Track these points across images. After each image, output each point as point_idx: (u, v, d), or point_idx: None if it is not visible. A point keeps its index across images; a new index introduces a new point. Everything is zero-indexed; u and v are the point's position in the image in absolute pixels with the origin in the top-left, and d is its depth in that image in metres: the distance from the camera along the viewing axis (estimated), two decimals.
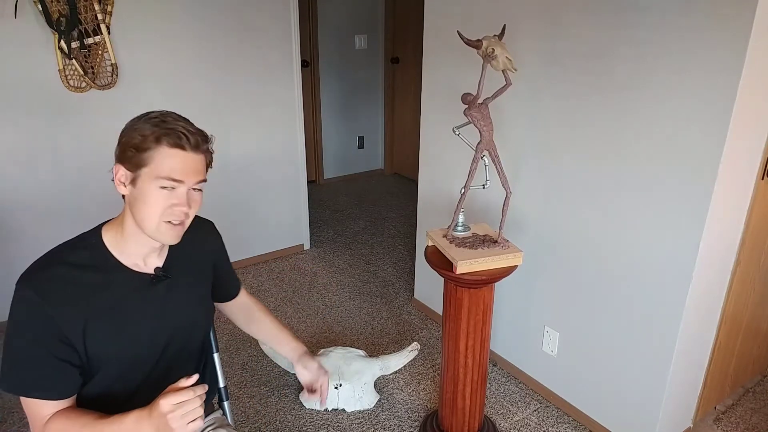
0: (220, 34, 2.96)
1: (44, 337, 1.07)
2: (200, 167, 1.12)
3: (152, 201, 1.09)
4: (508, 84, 1.64)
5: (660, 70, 1.67)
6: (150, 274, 1.21)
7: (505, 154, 2.11)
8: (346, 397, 2.22)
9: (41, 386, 1.09)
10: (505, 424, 2.19)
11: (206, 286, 1.37)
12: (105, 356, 1.14)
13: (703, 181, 1.63)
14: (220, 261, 1.42)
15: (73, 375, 1.12)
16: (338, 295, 3.13)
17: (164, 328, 1.23)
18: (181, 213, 1.11)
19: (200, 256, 1.34)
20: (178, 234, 1.14)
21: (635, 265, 1.87)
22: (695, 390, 2.08)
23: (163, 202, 1.09)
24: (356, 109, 4.95)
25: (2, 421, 2.16)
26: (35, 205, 2.67)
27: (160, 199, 1.09)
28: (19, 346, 1.08)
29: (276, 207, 3.47)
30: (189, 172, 1.10)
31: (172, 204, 1.10)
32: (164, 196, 1.09)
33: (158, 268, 1.22)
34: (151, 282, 1.20)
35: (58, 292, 1.08)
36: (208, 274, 1.37)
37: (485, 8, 2.18)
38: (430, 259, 1.79)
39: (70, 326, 1.09)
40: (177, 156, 1.08)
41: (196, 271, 1.32)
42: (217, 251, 1.41)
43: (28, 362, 1.08)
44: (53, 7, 2.42)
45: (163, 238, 1.14)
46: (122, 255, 1.17)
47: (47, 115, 2.59)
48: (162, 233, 1.12)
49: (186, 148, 1.08)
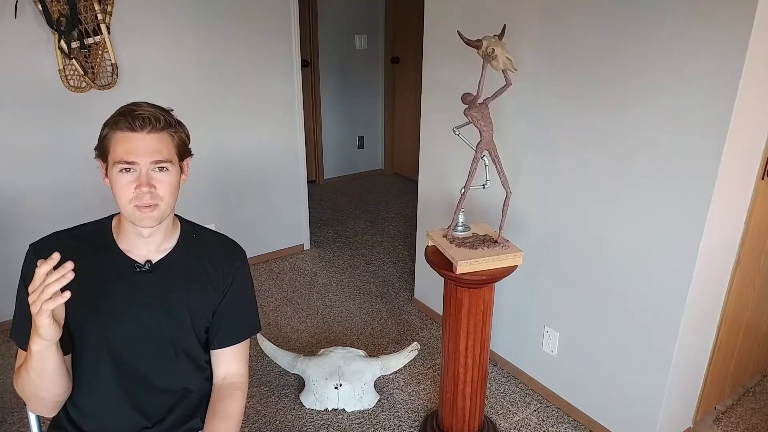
0: (220, 34, 2.96)
1: None
2: (157, 147, 1.13)
3: (118, 187, 1.13)
4: (508, 84, 1.64)
5: (660, 70, 1.67)
6: (138, 262, 1.22)
7: (505, 154, 2.11)
8: (346, 397, 2.22)
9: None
10: (505, 424, 2.19)
11: (202, 305, 1.28)
12: (77, 327, 1.19)
13: (704, 181, 1.63)
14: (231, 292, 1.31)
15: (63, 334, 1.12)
16: (338, 295, 3.13)
17: (138, 319, 1.22)
18: (143, 194, 1.12)
19: (212, 272, 1.28)
20: (152, 216, 1.15)
21: (635, 265, 1.87)
22: (695, 390, 2.08)
23: (126, 186, 1.12)
24: (356, 109, 4.95)
25: (2, 421, 2.16)
26: (35, 205, 2.67)
27: (123, 184, 1.12)
28: (20, 300, 1.16)
29: (276, 207, 3.47)
30: (141, 153, 1.11)
31: (134, 186, 1.12)
32: (126, 179, 1.12)
33: (149, 261, 1.23)
34: (134, 270, 1.22)
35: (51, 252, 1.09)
36: (212, 296, 1.28)
37: (485, 8, 2.19)
38: (430, 259, 1.79)
39: None
40: (128, 138, 1.11)
41: (196, 284, 1.26)
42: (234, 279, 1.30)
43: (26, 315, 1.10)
44: (53, 7, 2.42)
45: (138, 222, 1.15)
46: (119, 239, 1.23)
47: (47, 115, 2.59)
48: (135, 218, 1.15)
49: (136, 129, 1.11)
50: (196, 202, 3.06)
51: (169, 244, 1.26)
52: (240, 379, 1.35)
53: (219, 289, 1.29)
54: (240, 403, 1.32)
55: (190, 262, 1.27)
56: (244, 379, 1.36)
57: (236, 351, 1.34)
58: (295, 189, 3.52)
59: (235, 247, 1.35)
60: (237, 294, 1.32)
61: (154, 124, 1.12)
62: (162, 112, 1.16)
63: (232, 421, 1.28)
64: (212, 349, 1.33)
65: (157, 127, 1.13)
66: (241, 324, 1.35)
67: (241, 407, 1.32)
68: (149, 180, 1.13)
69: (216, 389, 1.33)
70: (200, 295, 1.27)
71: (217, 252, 1.31)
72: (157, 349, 1.25)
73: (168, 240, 1.26)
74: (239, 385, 1.34)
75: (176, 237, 1.27)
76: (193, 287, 1.26)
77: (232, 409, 1.29)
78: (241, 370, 1.36)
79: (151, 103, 1.16)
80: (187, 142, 1.22)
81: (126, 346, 1.22)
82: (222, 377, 1.34)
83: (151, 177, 1.13)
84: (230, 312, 1.32)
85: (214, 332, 1.31)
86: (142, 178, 1.12)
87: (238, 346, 1.34)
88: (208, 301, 1.29)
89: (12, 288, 1.20)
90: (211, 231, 1.36)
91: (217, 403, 1.30)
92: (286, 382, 2.41)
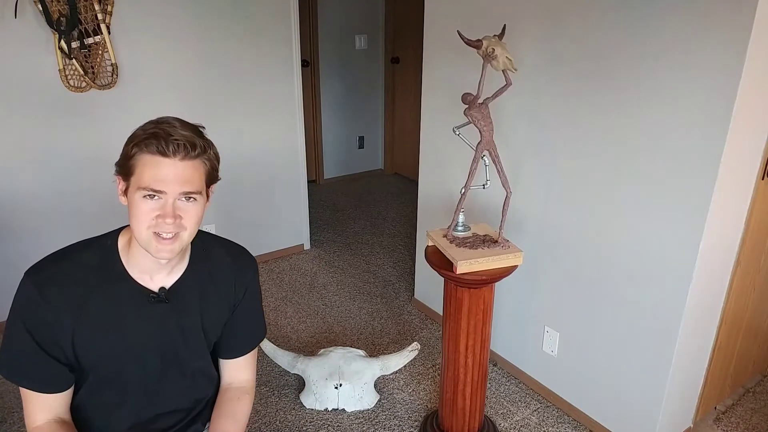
0: (220, 34, 2.96)
1: (35, 331, 1.08)
2: (188, 176, 1.03)
3: (137, 212, 1.03)
4: (509, 84, 1.64)
5: (660, 70, 1.67)
6: (152, 291, 1.15)
7: (505, 154, 2.11)
8: (346, 397, 2.22)
9: (29, 376, 1.10)
10: (505, 424, 2.19)
11: (215, 322, 1.25)
12: (90, 361, 1.14)
13: (704, 181, 1.63)
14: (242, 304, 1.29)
15: (62, 371, 1.12)
16: (338, 295, 3.13)
17: (156, 348, 1.18)
18: (167, 225, 1.03)
19: (223, 289, 1.24)
20: (170, 249, 1.06)
21: (635, 265, 1.87)
22: (695, 390, 2.08)
23: (147, 214, 1.03)
24: (356, 109, 4.94)
25: (2, 421, 2.16)
26: (35, 205, 2.67)
27: (144, 210, 1.03)
28: (13, 334, 1.10)
29: (276, 207, 3.47)
30: (171, 182, 1.02)
31: (156, 215, 1.03)
32: (149, 206, 1.03)
33: (162, 288, 1.16)
34: (148, 300, 1.15)
35: (56, 290, 1.07)
36: (224, 311, 1.26)
37: (485, 8, 2.19)
38: (430, 259, 1.79)
39: (61, 327, 1.08)
40: (158, 163, 1.01)
41: (209, 303, 1.22)
42: (246, 291, 1.29)
43: (19, 351, 1.10)
44: (53, 7, 2.42)
45: (155, 252, 1.06)
46: (129, 264, 1.14)
47: (47, 115, 2.59)
48: (152, 247, 1.06)
49: (168, 155, 1.00)
50: None
51: (182, 266, 1.19)
52: (249, 384, 1.34)
53: (230, 304, 1.27)
54: (248, 406, 1.31)
55: (202, 282, 1.21)
56: (253, 384, 1.36)
57: (246, 359, 1.34)
58: (295, 189, 3.52)
59: (245, 258, 1.30)
60: (248, 306, 1.31)
61: (189, 151, 1.02)
62: (197, 136, 1.06)
63: (240, 423, 1.27)
64: (222, 359, 1.32)
65: (191, 154, 1.03)
66: (251, 334, 1.34)
67: (248, 410, 1.31)
68: (175, 211, 1.04)
69: (223, 391, 1.32)
70: (212, 312, 1.24)
71: (228, 267, 1.25)
72: (171, 373, 1.22)
73: (181, 261, 1.19)
74: (248, 389, 1.33)
75: (188, 256, 1.21)
76: (206, 307, 1.22)
77: (239, 411, 1.28)
78: (250, 376, 1.35)
79: (183, 120, 1.06)
80: (217, 168, 1.13)
81: (141, 375, 1.19)
82: (229, 382, 1.33)
83: (177, 207, 1.04)
84: (241, 324, 1.30)
85: (224, 343, 1.30)
86: (168, 209, 1.03)
87: (248, 355, 1.34)
88: (220, 317, 1.26)
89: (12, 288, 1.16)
90: (221, 242, 1.30)
91: (225, 405, 1.29)
92: (286, 382, 2.41)
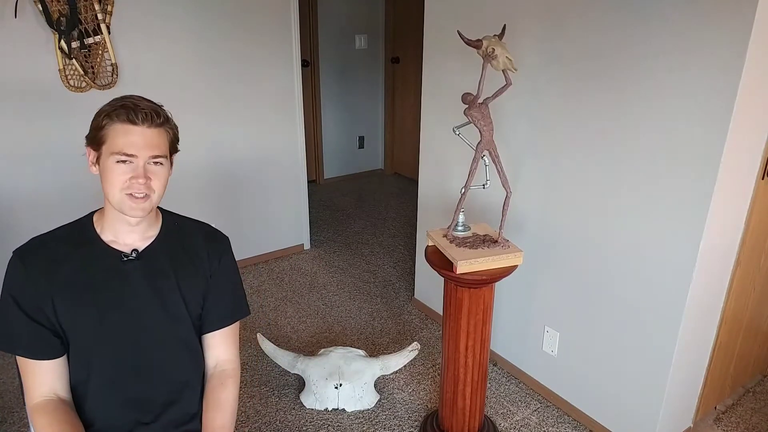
0: (220, 34, 2.96)
1: (21, 300, 1.17)
2: (156, 141, 1.16)
3: (112, 176, 1.15)
4: (509, 84, 1.64)
5: (660, 70, 1.67)
6: (124, 252, 1.23)
7: (505, 154, 2.11)
8: (346, 396, 2.22)
9: (22, 344, 1.18)
10: (506, 424, 2.20)
11: (193, 290, 1.30)
12: (72, 326, 1.20)
13: (704, 181, 1.63)
14: (218, 274, 1.33)
15: (50, 338, 1.18)
16: (338, 295, 3.13)
17: (132, 311, 1.23)
18: (139, 185, 1.15)
19: (196, 258, 1.31)
20: (143, 208, 1.18)
21: (635, 265, 1.87)
22: (695, 390, 2.08)
23: (121, 176, 1.15)
24: (356, 109, 4.95)
25: (2, 421, 2.16)
26: (34, 205, 2.67)
27: (118, 174, 1.15)
28: (3, 308, 1.19)
29: (276, 207, 3.47)
30: (142, 146, 1.14)
31: (130, 177, 1.15)
32: (122, 170, 1.15)
33: (134, 250, 1.24)
34: (121, 260, 1.23)
35: (35, 260, 1.18)
36: (200, 281, 1.31)
37: (485, 8, 2.19)
38: (431, 259, 1.79)
39: (41, 295, 1.17)
40: (128, 131, 1.13)
41: (184, 270, 1.29)
42: (220, 262, 1.34)
43: (10, 321, 1.18)
44: (53, 7, 2.42)
45: (128, 211, 1.17)
46: (103, 231, 1.24)
47: (47, 115, 2.59)
48: (126, 206, 1.17)
49: (137, 123, 1.13)
50: (196, 202, 3.06)
51: (153, 232, 1.28)
52: (231, 366, 1.36)
53: (206, 274, 1.32)
54: (233, 391, 1.33)
55: (175, 249, 1.29)
56: (236, 365, 1.38)
57: (226, 335, 1.36)
58: (295, 189, 3.52)
59: (216, 233, 1.38)
60: (224, 277, 1.35)
61: (154, 118, 1.15)
62: (159, 107, 1.19)
63: (226, 410, 1.30)
64: (203, 334, 1.35)
65: (157, 122, 1.16)
66: (231, 307, 1.37)
67: (235, 395, 1.33)
68: (146, 173, 1.16)
69: (209, 379, 1.35)
70: (190, 280, 1.29)
71: (200, 238, 1.34)
72: (153, 339, 1.26)
73: (151, 228, 1.28)
74: (230, 372, 1.35)
75: (159, 226, 1.30)
76: (181, 273, 1.28)
77: (224, 399, 1.31)
78: (232, 356, 1.37)
79: (143, 97, 1.19)
80: (178, 138, 1.25)
81: (120, 337, 1.23)
82: (213, 365, 1.36)
83: (147, 170, 1.16)
84: (219, 295, 1.34)
85: (204, 316, 1.34)
86: (139, 171, 1.15)
87: (227, 330, 1.36)
88: (198, 286, 1.31)
89: None
90: (193, 220, 1.38)
91: (210, 394, 1.32)
92: (286, 382, 2.41)
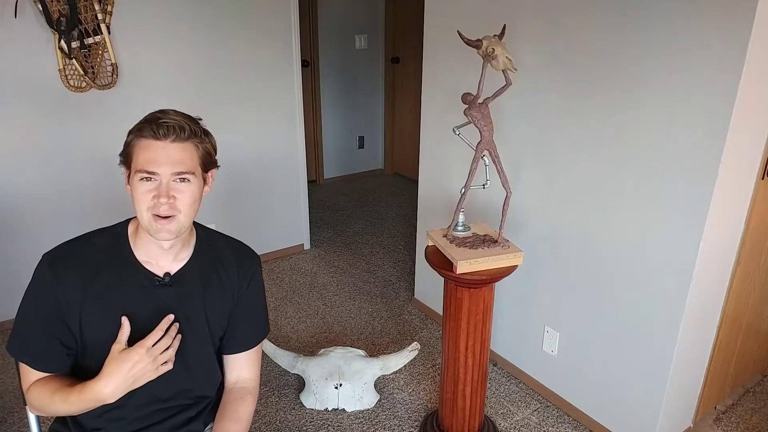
0: (220, 34, 2.96)
1: (45, 310, 1.13)
2: (180, 157, 1.10)
3: (137, 195, 1.11)
4: (508, 84, 1.64)
5: (660, 70, 1.67)
6: (157, 276, 1.20)
7: (505, 154, 2.11)
8: (346, 396, 2.22)
9: (31, 354, 1.15)
10: (506, 423, 2.19)
11: (218, 311, 1.27)
12: (94, 341, 1.17)
13: (704, 181, 1.63)
14: (246, 297, 1.30)
15: (62, 354, 1.16)
16: (338, 295, 3.13)
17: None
18: (161, 205, 1.09)
19: (226, 279, 1.27)
20: (169, 230, 1.12)
21: (635, 265, 1.87)
22: (695, 390, 2.08)
23: (145, 195, 1.10)
24: (356, 109, 4.94)
25: (2, 421, 2.16)
26: (35, 205, 2.66)
27: (141, 192, 1.10)
28: (24, 311, 1.16)
29: (276, 207, 3.47)
30: (164, 163, 1.08)
31: (153, 196, 1.10)
32: (146, 188, 1.10)
33: (167, 274, 1.20)
34: (153, 284, 1.19)
35: (67, 267, 1.14)
36: (227, 303, 1.28)
37: (485, 8, 2.18)
38: (430, 259, 1.79)
39: (70, 303, 1.13)
40: (151, 147, 1.08)
41: (212, 292, 1.25)
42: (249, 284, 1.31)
43: (27, 329, 1.15)
44: (53, 7, 2.42)
45: (156, 234, 1.12)
46: (137, 248, 1.19)
47: (47, 115, 2.59)
48: (153, 229, 1.12)
49: (159, 138, 1.08)
50: None
51: (186, 253, 1.24)
52: (252, 384, 1.35)
53: (234, 296, 1.29)
54: (251, 407, 1.32)
55: (206, 270, 1.25)
56: (256, 384, 1.36)
57: (250, 356, 1.35)
58: (295, 189, 3.52)
59: (249, 253, 1.34)
60: (251, 300, 1.32)
61: (179, 133, 1.09)
62: (188, 121, 1.12)
63: (242, 423, 1.28)
64: (225, 355, 1.33)
65: (182, 136, 1.10)
66: (255, 329, 1.35)
67: (251, 411, 1.32)
68: (168, 191, 1.10)
69: (227, 392, 1.33)
70: (216, 302, 1.26)
71: (231, 259, 1.29)
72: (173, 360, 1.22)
73: (185, 250, 1.23)
74: (251, 389, 1.34)
75: (192, 245, 1.25)
76: (209, 295, 1.25)
77: (242, 412, 1.29)
78: (253, 375, 1.36)
79: (179, 111, 1.14)
80: (213, 154, 1.19)
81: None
82: (234, 381, 1.34)
83: (171, 188, 1.10)
84: (245, 318, 1.32)
85: (228, 338, 1.31)
86: (162, 189, 1.09)
87: (251, 351, 1.35)
88: (223, 308, 1.28)
89: (12, 287, 1.20)
90: (225, 237, 1.34)
91: (228, 405, 1.30)
92: (286, 382, 2.41)
